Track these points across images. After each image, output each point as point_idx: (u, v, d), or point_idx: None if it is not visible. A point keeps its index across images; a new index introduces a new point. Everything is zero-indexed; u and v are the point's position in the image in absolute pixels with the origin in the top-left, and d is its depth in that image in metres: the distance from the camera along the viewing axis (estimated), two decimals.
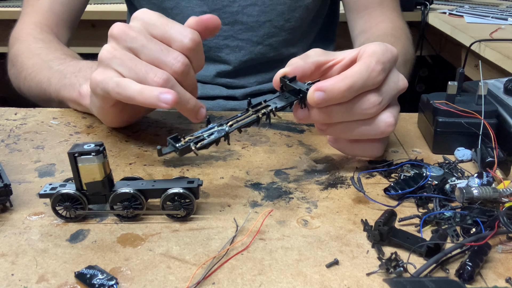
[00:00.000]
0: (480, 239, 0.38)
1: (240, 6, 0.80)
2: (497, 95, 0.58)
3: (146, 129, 0.63)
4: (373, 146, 0.51)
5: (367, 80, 0.45)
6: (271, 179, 0.51)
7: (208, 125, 0.45)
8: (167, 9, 0.81)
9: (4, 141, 0.59)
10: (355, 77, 0.45)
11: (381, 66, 0.46)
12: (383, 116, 0.48)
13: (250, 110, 0.47)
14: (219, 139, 0.44)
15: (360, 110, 0.47)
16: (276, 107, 0.47)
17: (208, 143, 0.44)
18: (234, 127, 0.45)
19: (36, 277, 0.36)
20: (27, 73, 0.70)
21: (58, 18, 0.79)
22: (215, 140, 0.44)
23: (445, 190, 0.47)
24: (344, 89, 0.45)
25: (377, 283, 0.36)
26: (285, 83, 0.48)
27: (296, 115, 0.48)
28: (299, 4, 0.82)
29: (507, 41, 1.21)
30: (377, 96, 0.47)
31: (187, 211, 0.43)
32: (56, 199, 0.42)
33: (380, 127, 0.48)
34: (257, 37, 0.83)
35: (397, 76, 0.50)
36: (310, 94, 0.45)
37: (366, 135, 0.49)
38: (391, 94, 0.49)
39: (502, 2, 1.85)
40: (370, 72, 0.45)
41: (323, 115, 0.47)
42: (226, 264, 0.38)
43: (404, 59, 0.75)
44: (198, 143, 0.43)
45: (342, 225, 0.43)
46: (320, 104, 0.45)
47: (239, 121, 0.46)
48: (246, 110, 0.47)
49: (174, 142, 0.43)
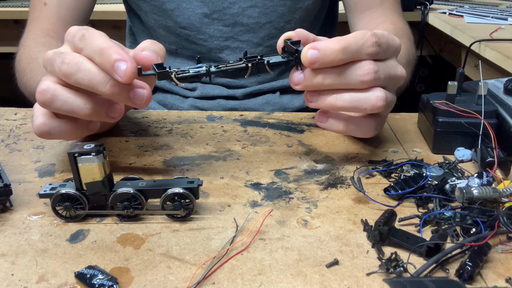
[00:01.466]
0: (480, 239, 0.38)
1: (240, 7, 0.80)
2: (497, 95, 0.58)
3: (146, 129, 0.63)
4: (367, 122, 0.51)
5: (362, 47, 0.46)
6: (271, 179, 0.51)
7: (198, 64, 0.46)
8: (168, 10, 0.81)
9: (4, 141, 0.59)
10: (350, 40, 0.45)
11: (376, 38, 0.46)
12: (376, 90, 0.48)
13: (243, 59, 0.47)
14: (202, 75, 0.45)
15: (354, 76, 0.46)
16: (269, 61, 0.47)
17: (190, 76, 0.44)
18: (220, 68, 0.46)
19: (36, 277, 0.36)
20: (27, 78, 0.70)
21: (65, 22, 0.79)
22: (196, 75, 0.45)
23: (445, 190, 0.47)
24: (337, 48, 0.45)
25: (377, 283, 0.36)
26: (287, 44, 0.48)
27: (291, 78, 0.48)
28: (299, 6, 0.82)
29: (507, 41, 1.21)
30: (373, 65, 0.47)
31: (187, 211, 0.43)
32: (56, 199, 0.42)
33: (371, 100, 0.47)
34: (258, 38, 0.83)
35: (396, 63, 0.50)
36: (304, 53, 0.45)
37: (356, 107, 0.48)
38: (388, 74, 0.49)
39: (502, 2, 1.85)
40: (365, 40, 0.46)
41: (317, 78, 0.47)
42: (226, 264, 0.38)
43: (406, 60, 0.75)
44: (181, 74, 0.44)
45: (342, 225, 0.43)
46: (313, 64, 0.45)
47: (227, 66, 0.46)
48: (239, 59, 0.47)
49: (157, 68, 0.44)
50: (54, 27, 0.77)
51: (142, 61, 0.46)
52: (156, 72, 0.44)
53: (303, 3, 0.82)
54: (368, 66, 0.46)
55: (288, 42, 0.48)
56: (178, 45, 0.84)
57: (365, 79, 0.47)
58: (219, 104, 0.84)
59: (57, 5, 0.78)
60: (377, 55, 0.47)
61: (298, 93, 0.88)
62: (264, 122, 0.66)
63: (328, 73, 0.47)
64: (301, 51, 0.46)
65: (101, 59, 0.43)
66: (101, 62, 0.44)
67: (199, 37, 0.82)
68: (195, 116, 0.68)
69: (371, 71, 0.46)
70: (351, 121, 0.51)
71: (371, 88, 0.48)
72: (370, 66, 0.46)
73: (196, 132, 0.62)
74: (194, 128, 0.63)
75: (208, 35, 0.81)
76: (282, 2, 0.81)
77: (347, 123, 0.51)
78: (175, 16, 0.81)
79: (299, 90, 0.50)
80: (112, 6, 1.73)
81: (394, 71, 0.50)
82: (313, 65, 0.46)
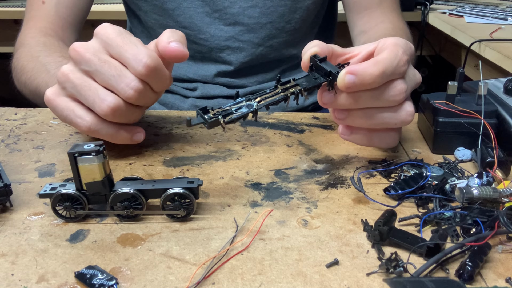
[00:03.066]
0: (480, 239, 0.38)
1: (241, 7, 0.80)
2: (497, 95, 0.58)
3: (146, 129, 0.63)
4: (391, 135, 0.51)
5: (396, 68, 0.46)
6: (271, 179, 0.51)
7: (236, 99, 0.45)
8: (169, 10, 0.81)
9: (4, 141, 0.59)
10: (386, 63, 0.45)
11: (407, 56, 0.47)
12: (405, 105, 0.48)
13: (278, 87, 0.46)
14: (247, 114, 0.44)
15: (387, 97, 0.47)
16: (305, 87, 0.46)
17: (237, 118, 0.44)
18: (262, 104, 0.45)
19: (36, 277, 0.36)
20: (27, 77, 0.70)
21: (64, 21, 0.79)
22: (243, 116, 0.44)
23: (445, 190, 0.47)
24: (376, 74, 0.45)
25: (377, 283, 0.36)
26: (316, 63, 0.48)
27: (321, 98, 0.48)
28: (299, 6, 0.82)
29: (507, 41, 1.21)
30: (404, 83, 0.47)
31: (187, 211, 0.43)
32: (56, 199, 0.42)
33: (402, 115, 0.48)
34: (258, 38, 0.83)
35: (414, 70, 0.51)
36: (341, 77, 0.45)
37: (387, 124, 0.49)
38: (412, 85, 0.49)
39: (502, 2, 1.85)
40: (398, 60, 0.46)
41: (350, 100, 0.47)
42: (226, 264, 0.38)
43: None
44: (227, 117, 0.43)
45: (342, 225, 0.43)
46: (350, 88, 0.45)
47: (267, 98, 0.45)
48: (274, 87, 0.47)
49: (203, 113, 0.43)
50: (52, 26, 0.77)
51: (173, 54, 0.47)
52: (207, 122, 0.43)
53: (303, 3, 0.83)
54: (400, 86, 0.47)
55: (317, 60, 0.47)
56: None
57: (398, 98, 0.47)
58: (219, 104, 0.84)
59: (55, 4, 0.78)
60: (406, 71, 0.48)
61: None
62: (264, 122, 0.66)
63: (362, 95, 0.47)
64: (336, 74, 0.45)
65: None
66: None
67: (200, 36, 0.82)
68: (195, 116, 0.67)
69: (403, 91, 0.47)
70: (375, 135, 0.51)
71: (401, 104, 0.48)
72: (402, 86, 0.47)
73: (196, 132, 0.62)
74: (194, 128, 0.63)
75: (209, 35, 0.82)
76: (282, 2, 0.81)
77: (371, 137, 0.51)
78: (176, 16, 0.81)
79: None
80: (112, 6, 1.73)
81: (415, 79, 0.50)
82: (349, 89, 0.45)
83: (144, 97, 0.49)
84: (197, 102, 0.85)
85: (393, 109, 0.48)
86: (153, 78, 0.48)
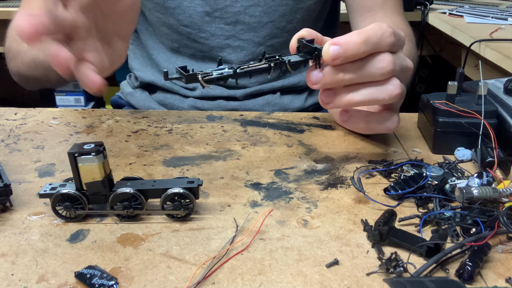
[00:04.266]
0: (480, 239, 0.38)
1: (242, 6, 0.80)
2: (497, 95, 0.58)
3: (146, 129, 0.63)
4: (388, 117, 0.51)
5: (381, 38, 0.46)
6: (271, 179, 0.51)
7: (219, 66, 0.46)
8: (170, 8, 0.81)
9: (4, 141, 0.59)
10: (370, 33, 0.46)
11: (392, 29, 0.47)
12: (391, 80, 0.48)
13: (263, 60, 0.47)
14: (228, 76, 0.45)
15: (374, 69, 0.47)
16: (289, 60, 0.47)
17: (216, 78, 0.44)
18: (244, 69, 0.45)
19: (36, 277, 0.36)
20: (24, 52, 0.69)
21: None
22: (223, 77, 0.44)
23: (445, 190, 0.47)
24: (359, 41, 0.45)
25: (377, 283, 0.36)
26: (302, 43, 0.48)
27: (309, 78, 0.48)
28: (301, 6, 0.82)
29: (507, 41, 1.21)
30: (391, 56, 0.47)
31: (187, 211, 0.43)
32: (56, 199, 0.42)
33: (389, 89, 0.48)
34: (259, 38, 0.83)
35: (404, 56, 0.51)
36: (326, 49, 0.45)
37: (375, 99, 0.48)
38: (401, 65, 0.49)
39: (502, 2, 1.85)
40: (383, 31, 0.46)
41: (337, 73, 0.47)
42: (226, 264, 0.38)
43: None
44: (206, 77, 0.44)
45: (342, 225, 0.43)
46: (335, 60, 0.45)
47: (250, 66, 0.46)
48: (259, 59, 0.47)
49: (183, 71, 0.43)
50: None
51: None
52: (184, 76, 0.43)
53: (305, 3, 0.82)
54: (388, 57, 0.47)
55: (303, 41, 0.48)
56: (180, 43, 0.84)
57: (385, 70, 0.47)
58: (219, 105, 0.84)
59: None
60: (394, 46, 0.48)
61: (298, 93, 0.88)
62: (264, 122, 0.66)
63: (348, 68, 0.46)
64: (321, 48, 0.46)
65: None
66: None
67: (201, 35, 0.82)
68: (195, 116, 0.68)
69: (390, 63, 0.47)
70: (372, 117, 0.51)
71: (389, 79, 0.48)
72: (389, 58, 0.47)
73: (196, 132, 0.62)
74: (194, 128, 0.63)
75: (209, 34, 0.82)
76: (284, 1, 0.81)
77: (368, 119, 0.51)
78: (177, 14, 0.81)
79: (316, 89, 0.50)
80: None
81: (405, 62, 0.50)
82: (335, 61, 0.45)
83: None
84: (197, 103, 0.85)
85: (379, 83, 0.48)
86: None
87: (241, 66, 0.45)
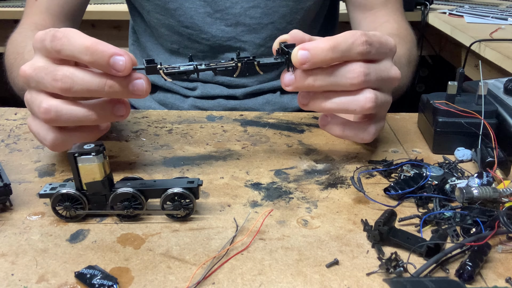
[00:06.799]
0: (480, 239, 0.38)
1: (242, 8, 0.80)
2: (497, 95, 0.58)
3: (146, 129, 0.63)
4: (363, 128, 0.51)
5: (351, 46, 0.45)
6: (271, 179, 0.51)
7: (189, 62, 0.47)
8: (171, 10, 0.81)
9: (4, 141, 0.59)
10: (339, 40, 0.45)
11: (365, 38, 0.46)
12: (365, 92, 0.47)
13: (234, 59, 0.48)
14: (190, 71, 0.46)
15: (343, 79, 0.46)
16: (259, 62, 0.48)
17: (178, 72, 0.45)
18: (209, 66, 0.47)
19: (36, 277, 0.36)
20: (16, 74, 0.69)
21: (55, 18, 0.79)
22: (184, 71, 0.46)
23: (445, 190, 0.47)
24: (327, 47, 0.45)
25: (377, 283, 0.36)
26: (281, 47, 0.49)
27: (282, 79, 0.48)
28: (301, 6, 0.82)
29: (507, 41, 1.21)
30: (363, 67, 0.46)
31: (187, 211, 0.43)
32: (56, 199, 0.42)
33: (360, 101, 0.47)
34: (260, 39, 0.83)
35: (390, 65, 0.50)
36: (294, 53, 0.45)
37: (346, 109, 0.48)
38: (380, 75, 0.48)
39: (502, 2, 1.85)
40: (354, 38, 0.46)
41: (307, 78, 0.47)
42: (226, 264, 0.38)
43: (408, 60, 0.75)
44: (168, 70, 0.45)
45: (342, 225, 0.43)
46: (303, 64, 0.45)
47: (217, 64, 0.47)
48: (231, 59, 0.48)
49: (146, 63, 0.45)
50: (43, 22, 0.77)
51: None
52: (144, 67, 0.45)
53: (305, 3, 0.82)
54: (358, 68, 0.46)
55: (282, 45, 0.49)
56: (180, 44, 0.84)
57: (355, 81, 0.46)
58: (219, 104, 0.84)
59: (47, 0, 0.78)
60: (368, 54, 0.47)
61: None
62: (264, 122, 0.66)
63: (318, 74, 0.47)
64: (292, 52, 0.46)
65: (92, 57, 0.43)
66: (93, 60, 0.43)
67: (202, 36, 0.82)
68: (195, 116, 0.68)
69: (361, 74, 0.46)
70: (348, 125, 0.51)
71: (361, 90, 0.47)
72: (360, 69, 0.46)
73: (196, 132, 0.62)
74: (194, 128, 0.63)
75: (210, 35, 0.82)
76: (284, 2, 0.81)
77: (344, 127, 0.51)
78: (178, 16, 0.81)
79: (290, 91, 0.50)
80: (112, 6, 1.73)
81: (386, 73, 0.49)
82: (303, 65, 0.45)
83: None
84: (197, 102, 0.85)
85: (351, 93, 0.47)
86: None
87: (208, 63, 0.47)
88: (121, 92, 0.45)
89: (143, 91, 0.45)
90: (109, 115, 0.47)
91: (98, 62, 0.43)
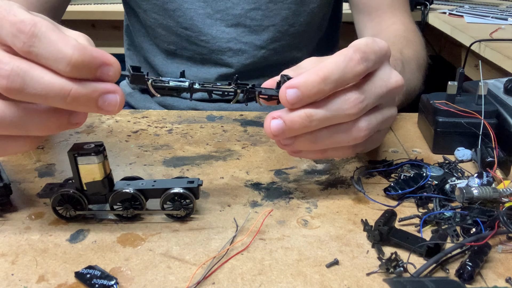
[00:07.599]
0: (480, 239, 0.38)
1: (243, 9, 0.80)
2: (497, 95, 0.58)
3: (146, 129, 0.63)
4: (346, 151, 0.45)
5: (345, 71, 0.39)
6: (271, 179, 0.51)
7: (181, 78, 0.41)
8: (170, 11, 0.80)
9: None
10: (330, 67, 0.39)
11: (360, 54, 0.40)
12: (359, 121, 0.42)
13: (232, 84, 0.42)
14: (182, 89, 0.40)
15: (340, 111, 0.40)
16: (260, 92, 0.43)
17: (168, 87, 0.40)
18: (205, 86, 0.41)
19: (36, 277, 0.36)
20: None
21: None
22: (176, 88, 0.40)
23: (445, 190, 0.47)
24: (318, 80, 0.39)
25: (377, 283, 0.36)
26: (284, 80, 0.44)
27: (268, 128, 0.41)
28: (303, 9, 0.82)
29: (507, 41, 1.21)
30: (358, 93, 0.41)
31: (187, 211, 0.43)
32: (56, 199, 0.42)
33: (353, 133, 0.42)
34: (261, 41, 0.82)
35: (388, 73, 0.44)
36: (282, 94, 0.39)
37: (338, 144, 0.43)
38: (377, 93, 0.42)
39: (502, 2, 1.85)
40: (347, 61, 0.39)
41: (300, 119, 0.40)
42: (226, 264, 0.38)
43: (417, 64, 0.74)
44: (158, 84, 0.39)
45: (342, 225, 0.43)
46: (294, 104, 0.39)
47: (214, 87, 0.42)
48: (228, 83, 0.42)
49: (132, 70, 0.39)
50: None
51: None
52: (130, 74, 0.38)
53: (308, 6, 0.82)
54: (354, 97, 0.40)
55: (285, 77, 0.42)
56: (178, 46, 0.84)
57: (352, 112, 0.41)
58: (220, 107, 0.84)
59: None
60: (366, 71, 0.41)
61: None
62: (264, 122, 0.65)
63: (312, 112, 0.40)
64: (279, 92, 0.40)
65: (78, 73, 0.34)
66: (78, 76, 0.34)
67: (201, 38, 0.81)
68: (195, 116, 0.68)
69: (357, 102, 0.40)
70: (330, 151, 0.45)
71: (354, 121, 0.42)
72: (355, 97, 0.40)
73: (196, 132, 0.62)
74: (194, 128, 0.63)
75: (210, 36, 0.81)
76: (286, 5, 0.80)
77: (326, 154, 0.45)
78: (177, 17, 0.80)
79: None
80: (112, 6, 1.73)
81: (385, 84, 0.43)
82: (295, 105, 0.40)
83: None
84: (197, 104, 0.85)
85: (346, 126, 0.42)
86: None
87: (203, 83, 0.41)
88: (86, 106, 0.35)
89: (114, 108, 0.36)
90: (65, 123, 0.37)
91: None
